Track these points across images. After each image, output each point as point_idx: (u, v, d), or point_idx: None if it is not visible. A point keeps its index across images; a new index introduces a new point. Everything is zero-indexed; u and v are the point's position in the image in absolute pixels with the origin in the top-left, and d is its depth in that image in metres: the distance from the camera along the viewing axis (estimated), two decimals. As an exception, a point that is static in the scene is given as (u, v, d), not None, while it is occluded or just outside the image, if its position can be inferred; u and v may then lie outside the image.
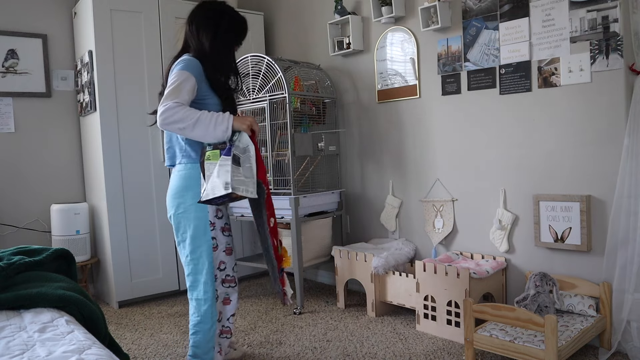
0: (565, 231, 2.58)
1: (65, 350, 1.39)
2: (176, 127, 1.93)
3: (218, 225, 2.17)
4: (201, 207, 2.11)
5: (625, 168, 2.35)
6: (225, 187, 1.91)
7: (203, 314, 2.16)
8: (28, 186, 3.78)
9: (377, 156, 3.56)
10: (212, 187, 1.94)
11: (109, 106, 3.51)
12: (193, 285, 2.17)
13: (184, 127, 1.92)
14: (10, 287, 1.90)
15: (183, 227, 2.14)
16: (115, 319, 3.35)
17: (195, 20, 2.17)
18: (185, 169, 2.13)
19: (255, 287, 4.00)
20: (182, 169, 2.14)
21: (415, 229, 3.35)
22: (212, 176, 1.97)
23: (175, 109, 1.91)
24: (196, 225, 2.11)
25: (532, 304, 2.41)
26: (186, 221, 2.12)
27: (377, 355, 2.58)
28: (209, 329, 2.17)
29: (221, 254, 2.20)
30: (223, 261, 2.21)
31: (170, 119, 1.90)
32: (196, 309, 2.17)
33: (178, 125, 1.92)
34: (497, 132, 2.88)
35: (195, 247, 2.13)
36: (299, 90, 3.45)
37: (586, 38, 2.47)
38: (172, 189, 2.16)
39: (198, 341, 2.17)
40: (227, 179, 1.92)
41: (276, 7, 4.28)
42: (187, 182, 2.12)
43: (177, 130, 1.94)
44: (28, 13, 3.78)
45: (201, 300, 2.16)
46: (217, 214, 2.17)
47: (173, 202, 2.14)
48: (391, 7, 3.24)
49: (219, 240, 2.18)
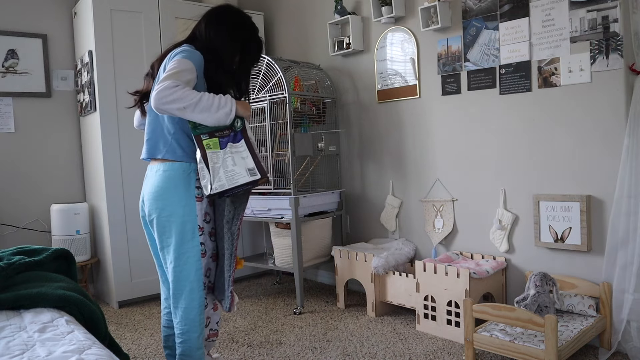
0: (565, 231, 2.58)
1: (65, 350, 1.39)
2: (174, 107, 1.74)
3: (206, 229, 2.02)
4: (189, 211, 1.94)
5: (625, 168, 2.35)
6: (251, 174, 1.83)
7: (190, 322, 2.00)
8: (28, 186, 3.78)
9: (377, 156, 3.56)
10: (230, 176, 1.83)
11: (109, 106, 3.51)
12: (178, 294, 2.00)
13: (185, 107, 1.75)
14: (10, 287, 1.90)
15: (168, 232, 1.95)
16: (115, 319, 3.35)
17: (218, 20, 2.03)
18: (171, 168, 1.95)
19: (255, 287, 4.00)
20: (166, 168, 1.95)
21: (415, 229, 3.35)
22: (223, 165, 1.84)
23: (174, 88, 1.73)
24: (183, 230, 1.94)
25: (532, 304, 2.41)
26: (172, 225, 1.94)
27: (377, 355, 2.58)
28: (197, 337, 2.03)
29: (208, 260, 2.06)
30: (210, 268, 2.09)
31: (169, 97, 1.72)
32: (182, 317, 2.00)
33: (177, 105, 1.74)
34: (497, 132, 2.88)
35: (181, 253, 1.96)
36: (299, 90, 3.45)
37: (586, 38, 2.47)
38: (154, 190, 1.96)
39: (187, 350, 2.04)
40: (248, 164, 1.84)
41: (276, 7, 4.29)
42: (171, 183, 1.94)
43: (176, 110, 1.75)
44: (28, 13, 3.78)
45: (188, 309, 1.99)
46: (206, 218, 2.01)
47: (156, 204, 1.95)
48: (391, 7, 3.24)
49: (207, 246, 2.03)
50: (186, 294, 1.99)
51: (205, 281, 2.06)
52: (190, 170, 1.97)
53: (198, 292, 2.00)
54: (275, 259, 3.54)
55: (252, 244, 4.21)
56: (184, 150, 1.96)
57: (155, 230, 2.00)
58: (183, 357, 2.05)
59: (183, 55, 1.88)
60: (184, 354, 2.04)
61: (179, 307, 2.01)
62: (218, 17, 2.06)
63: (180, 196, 1.94)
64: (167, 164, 1.96)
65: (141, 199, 2.08)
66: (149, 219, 2.01)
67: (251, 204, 3.46)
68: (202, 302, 2.02)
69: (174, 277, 1.99)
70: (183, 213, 1.94)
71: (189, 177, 1.96)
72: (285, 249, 3.41)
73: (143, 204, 2.06)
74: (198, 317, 2.01)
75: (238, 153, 1.85)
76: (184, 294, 1.99)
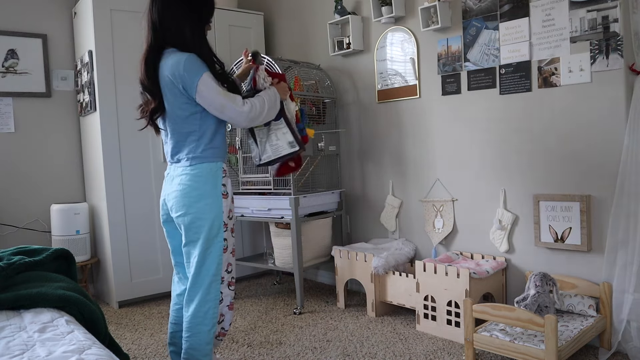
0: (565, 231, 2.58)
1: (65, 350, 1.39)
2: (259, 120, 2.09)
3: (229, 226, 2.13)
4: (217, 208, 2.06)
5: (625, 168, 2.35)
6: (291, 146, 2.21)
7: (203, 315, 2.07)
8: (28, 186, 3.78)
9: (377, 156, 3.56)
10: (274, 149, 2.22)
11: (109, 106, 3.51)
12: (197, 287, 2.08)
13: (265, 116, 2.09)
14: (10, 287, 1.90)
15: (197, 227, 2.05)
16: (115, 319, 3.35)
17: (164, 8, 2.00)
18: (199, 167, 2.06)
19: (255, 287, 3.99)
20: (194, 168, 2.06)
21: (415, 229, 3.35)
22: (269, 140, 2.23)
23: (250, 106, 2.03)
24: (211, 226, 2.05)
25: (532, 304, 2.41)
26: (201, 221, 2.04)
27: (377, 355, 2.58)
28: (209, 330, 2.08)
29: (229, 256, 2.15)
30: (230, 263, 2.16)
31: (253, 114, 2.04)
32: (195, 310, 2.07)
33: (260, 118, 2.08)
34: (497, 132, 2.88)
35: (206, 247, 2.06)
36: (299, 90, 3.45)
37: (586, 38, 2.47)
38: (183, 189, 2.06)
39: (195, 344, 2.07)
40: (289, 138, 2.21)
41: (276, 7, 4.29)
42: (200, 181, 2.05)
43: (261, 121, 2.10)
44: (28, 13, 3.78)
45: (203, 302, 2.07)
46: (229, 214, 2.12)
47: (185, 202, 2.05)
48: (391, 7, 3.24)
49: (228, 242, 2.13)
50: (204, 288, 2.08)
51: (225, 276, 2.15)
52: (216, 169, 2.10)
53: (215, 286, 2.10)
54: (275, 259, 3.54)
55: (252, 244, 4.21)
56: (208, 150, 2.08)
57: (182, 227, 2.09)
58: (191, 351, 2.08)
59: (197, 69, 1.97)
60: (192, 348, 2.08)
61: (194, 300, 2.09)
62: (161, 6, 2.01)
63: (209, 194, 2.06)
64: (195, 164, 2.07)
65: (162, 199, 2.19)
66: (175, 215, 2.10)
67: (251, 204, 3.47)
68: (218, 296, 2.11)
69: (195, 271, 2.09)
70: (212, 210, 2.05)
71: (216, 175, 2.09)
72: (285, 249, 3.41)
73: (165, 204, 2.17)
74: (212, 311, 2.09)
75: (279, 129, 2.22)
76: (203, 288, 2.08)
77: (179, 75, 1.97)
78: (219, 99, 1.98)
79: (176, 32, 2.02)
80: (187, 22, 2.02)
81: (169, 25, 2.01)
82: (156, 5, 2.02)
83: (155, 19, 2.02)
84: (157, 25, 2.03)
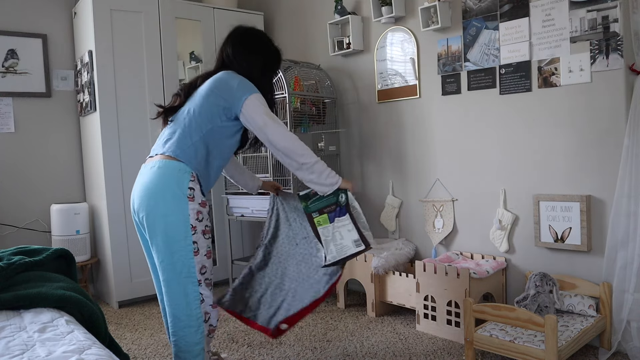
0: (565, 231, 2.58)
1: (65, 350, 1.39)
2: (295, 157, 1.96)
3: (199, 228, 2.01)
4: (179, 209, 1.95)
5: (625, 168, 2.35)
6: (356, 245, 2.06)
7: (187, 317, 2.00)
8: (28, 186, 3.78)
9: (377, 156, 3.56)
10: (339, 249, 2.06)
11: (109, 106, 3.51)
12: (169, 292, 2.00)
13: (303, 163, 1.96)
14: (10, 287, 1.90)
15: (158, 229, 1.95)
16: (115, 319, 3.35)
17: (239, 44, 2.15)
18: (165, 165, 1.97)
19: (255, 287, 3.99)
20: (161, 164, 1.97)
21: (415, 229, 3.35)
22: (333, 239, 2.07)
23: (300, 142, 1.97)
24: (174, 228, 1.94)
25: (532, 304, 2.41)
26: (163, 224, 1.94)
27: (377, 355, 2.58)
28: (195, 331, 2.02)
29: (203, 258, 2.04)
30: (205, 265, 2.06)
31: (294, 146, 1.95)
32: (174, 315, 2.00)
33: (299, 159, 1.96)
34: (497, 132, 2.88)
35: (172, 251, 1.95)
36: (299, 90, 3.45)
37: (586, 38, 2.47)
38: (146, 187, 1.97)
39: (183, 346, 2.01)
40: (354, 236, 2.06)
41: (276, 7, 4.29)
42: (163, 180, 1.95)
43: (293, 161, 1.97)
44: (28, 13, 3.78)
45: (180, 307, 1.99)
46: (198, 216, 2.00)
47: (148, 201, 1.96)
48: (391, 7, 3.24)
49: (200, 245, 2.01)
50: (178, 293, 1.99)
51: (201, 278, 2.05)
52: (184, 170, 1.98)
53: (193, 288, 2.01)
54: (275, 259, 3.54)
55: (252, 244, 4.21)
56: (186, 153, 1.99)
57: (145, 229, 2.00)
58: (180, 353, 2.03)
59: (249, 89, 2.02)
60: (180, 351, 2.03)
61: (170, 306, 2.01)
62: (242, 40, 2.17)
63: (171, 194, 1.95)
64: (163, 161, 1.98)
65: (132, 200, 2.08)
66: (139, 217, 2.01)
67: (251, 204, 3.46)
68: (198, 297, 2.02)
69: (165, 276, 2.00)
70: (173, 211, 1.94)
71: (182, 176, 1.97)
72: (285, 249, 3.41)
73: (134, 203, 2.06)
74: (195, 312, 2.01)
75: (344, 226, 2.08)
76: (176, 293, 2.00)
77: (226, 88, 2.02)
78: (264, 117, 1.98)
79: (246, 66, 2.13)
80: (256, 63, 2.14)
81: (239, 61, 2.13)
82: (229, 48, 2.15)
83: (229, 53, 2.14)
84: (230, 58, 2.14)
